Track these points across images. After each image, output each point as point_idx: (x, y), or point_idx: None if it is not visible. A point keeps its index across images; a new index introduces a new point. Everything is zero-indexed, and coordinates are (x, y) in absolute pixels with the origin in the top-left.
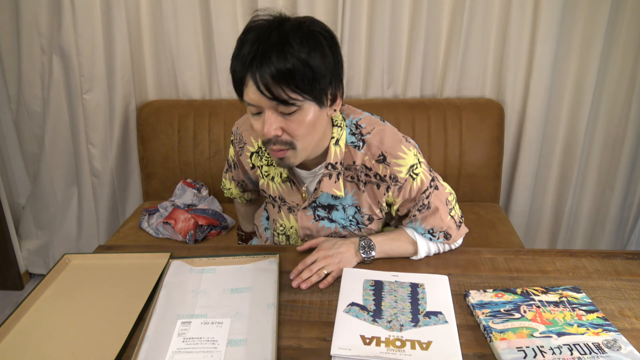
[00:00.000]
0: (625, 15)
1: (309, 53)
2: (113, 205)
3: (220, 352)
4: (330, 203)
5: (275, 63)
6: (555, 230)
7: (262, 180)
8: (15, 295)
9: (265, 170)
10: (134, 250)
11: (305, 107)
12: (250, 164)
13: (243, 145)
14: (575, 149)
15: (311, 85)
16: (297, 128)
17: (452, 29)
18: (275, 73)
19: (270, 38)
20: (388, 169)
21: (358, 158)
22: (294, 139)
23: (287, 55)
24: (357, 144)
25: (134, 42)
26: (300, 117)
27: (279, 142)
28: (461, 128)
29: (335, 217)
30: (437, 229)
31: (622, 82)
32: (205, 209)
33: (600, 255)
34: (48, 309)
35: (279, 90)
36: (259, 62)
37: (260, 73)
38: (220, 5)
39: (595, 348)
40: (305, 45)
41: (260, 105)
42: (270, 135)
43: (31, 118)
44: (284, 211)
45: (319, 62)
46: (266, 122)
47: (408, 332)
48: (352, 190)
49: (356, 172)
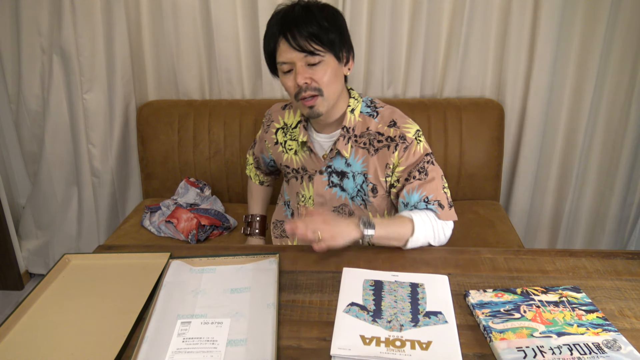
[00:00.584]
0: (625, 15)
1: (326, 18)
2: (113, 205)
3: (220, 352)
4: (342, 170)
5: (302, 24)
6: (555, 230)
7: (286, 156)
8: (15, 295)
9: (289, 145)
10: (134, 250)
11: (327, 59)
12: (274, 139)
13: (270, 122)
14: (575, 148)
15: (330, 41)
16: (323, 76)
17: (452, 29)
18: (303, 31)
19: (295, 10)
20: (398, 130)
21: (372, 125)
22: (321, 86)
23: (311, 19)
24: (372, 114)
25: (134, 42)
26: (324, 67)
27: (310, 89)
28: (461, 128)
29: (346, 186)
30: (432, 197)
31: (622, 82)
32: (207, 209)
33: (600, 255)
34: (48, 309)
35: (306, 44)
36: (288, 26)
37: (291, 33)
38: (220, 5)
39: (595, 348)
40: (323, 12)
41: (292, 61)
42: (301, 83)
43: (31, 118)
44: (305, 181)
45: (334, 26)
46: (298, 73)
47: (408, 332)
48: (362, 157)
49: (369, 138)
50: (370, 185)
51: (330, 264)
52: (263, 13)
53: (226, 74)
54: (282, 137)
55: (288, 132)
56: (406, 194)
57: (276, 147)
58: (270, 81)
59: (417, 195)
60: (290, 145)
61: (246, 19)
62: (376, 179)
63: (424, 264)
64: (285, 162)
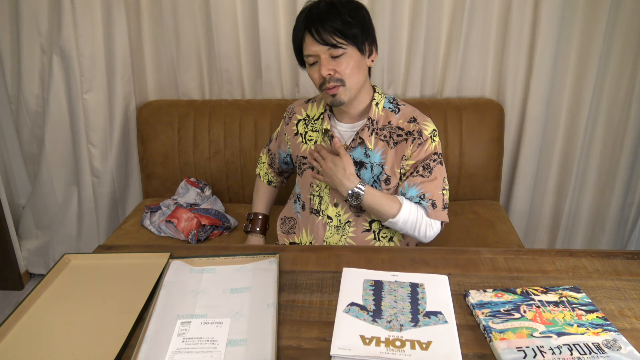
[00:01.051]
0: (625, 15)
1: (349, 13)
2: (113, 206)
3: (220, 352)
4: (361, 160)
5: (325, 19)
6: (555, 230)
7: (305, 146)
8: (15, 295)
9: (309, 136)
10: (134, 250)
11: (349, 51)
12: (295, 130)
13: (292, 115)
14: (575, 148)
15: (353, 35)
16: (346, 68)
17: (452, 29)
18: (327, 25)
19: (320, 6)
20: (417, 125)
21: (394, 120)
22: (343, 77)
23: (335, 14)
24: (394, 109)
25: (134, 42)
26: (347, 59)
27: (333, 80)
28: (461, 128)
29: (363, 176)
30: (428, 196)
31: (622, 82)
32: (208, 209)
33: (600, 255)
34: (48, 309)
35: (329, 37)
36: (312, 21)
37: (315, 27)
38: (220, 5)
39: (595, 348)
40: (346, 7)
41: (317, 54)
42: (325, 74)
43: (31, 118)
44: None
45: (357, 20)
46: (322, 65)
47: (408, 332)
48: (382, 148)
49: (390, 131)
50: (385, 176)
51: (330, 264)
52: (263, 13)
53: (226, 74)
54: (303, 128)
55: (310, 123)
56: (407, 185)
57: (295, 138)
58: (270, 81)
59: (415, 190)
60: (311, 136)
61: (246, 19)
62: (392, 171)
63: (424, 264)
64: (303, 152)
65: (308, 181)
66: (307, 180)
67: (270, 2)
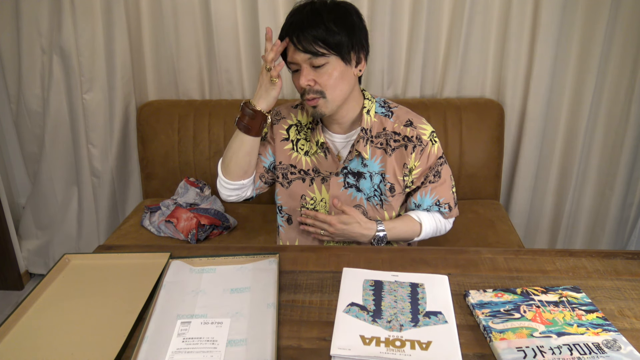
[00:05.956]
0: (625, 15)
1: (334, 20)
2: (113, 206)
3: (220, 352)
4: (359, 170)
5: (307, 26)
6: (555, 230)
7: (295, 154)
8: (15, 295)
9: (301, 144)
10: (134, 250)
11: (332, 61)
12: (285, 134)
13: (281, 118)
14: (575, 148)
15: (336, 43)
16: (327, 80)
17: (452, 29)
18: (308, 34)
19: (304, 11)
20: (415, 130)
21: (388, 125)
22: (323, 89)
23: (318, 21)
24: (387, 114)
25: (134, 42)
26: (329, 70)
27: (312, 92)
28: (461, 128)
29: (362, 186)
30: (443, 201)
31: (622, 82)
32: (207, 209)
33: (600, 255)
34: (48, 309)
35: (310, 46)
36: (294, 27)
37: (295, 34)
38: (220, 5)
39: (595, 348)
40: (331, 14)
41: (298, 62)
42: (304, 85)
43: (31, 118)
44: (317, 183)
45: (342, 28)
46: (302, 75)
47: (408, 332)
48: (380, 157)
49: (386, 138)
50: (388, 184)
51: (330, 264)
52: (263, 13)
53: (226, 74)
54: (294, 134)
55: (302, 130)
56: (419, 196)
57: (283, 143)
58: None
59: (429, 199)
60: (303, 145)
61: (246, 19)
62: (394, 178)
63: (424, 264)
64: (292, 161)
65: (298, 193)
66: (298, 191)
67: (270, 2)
